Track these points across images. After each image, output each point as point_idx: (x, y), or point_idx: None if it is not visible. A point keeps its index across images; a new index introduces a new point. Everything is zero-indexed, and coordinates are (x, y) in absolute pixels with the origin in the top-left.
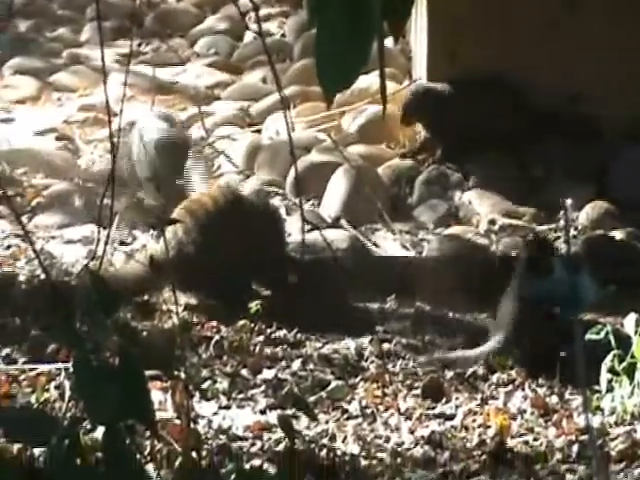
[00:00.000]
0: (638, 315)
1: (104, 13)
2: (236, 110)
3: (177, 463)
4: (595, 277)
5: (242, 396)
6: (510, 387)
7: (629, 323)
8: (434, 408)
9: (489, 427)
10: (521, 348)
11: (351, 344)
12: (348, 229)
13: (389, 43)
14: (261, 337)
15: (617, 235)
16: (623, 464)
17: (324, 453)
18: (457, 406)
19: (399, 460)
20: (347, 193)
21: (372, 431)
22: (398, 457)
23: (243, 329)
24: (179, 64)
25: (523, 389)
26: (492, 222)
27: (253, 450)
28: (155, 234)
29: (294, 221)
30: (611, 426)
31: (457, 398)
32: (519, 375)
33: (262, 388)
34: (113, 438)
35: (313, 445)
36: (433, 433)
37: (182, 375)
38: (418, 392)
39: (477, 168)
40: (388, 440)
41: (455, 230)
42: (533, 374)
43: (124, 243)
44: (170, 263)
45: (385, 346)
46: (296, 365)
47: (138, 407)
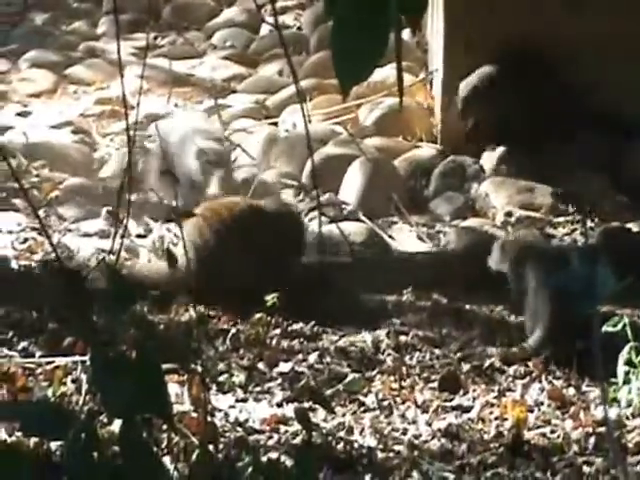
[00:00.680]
0: None
1: (120, 6)
2: (252, 103)
3: (194, 456)
4: (612, 269)
5: (259, 389)
6: (527, 379)
7: None
8: (451, 400)
9: (506, 419)
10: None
11: (368, 337)
12: (365, 221)
13: (405, 35)
14: (278, 330)
15: (634, 227)
16: None
17: (341, 446)
18: (474, 398)
19: (416, 453)
20: (363, 186)
21: (389, 424)
22: (415, 450)
23: (260, 322)
24: (195, 57)
25: (540, 381)
26: (509, 214)
27: (270, 443)
28: (171, 227)
29: (310, 214)
30: (628, 418)
31: (474, 390)
32: (536, 367)
33: (279, 381)
34: (130, 431)
35: (330, 438)
36: (450, 425)
37: (199, 368)
38: (435, 384)
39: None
40: (405, 433)
41: (472, 222)
42: (550, 366)
43: (140, 236)
44: (188, 267)
45: (402, 339)
46: (313, 358)
47: (155, 400)
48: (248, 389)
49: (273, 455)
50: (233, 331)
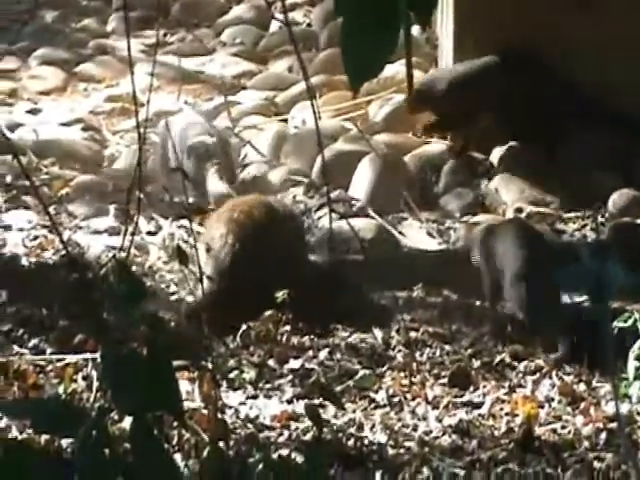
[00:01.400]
0: None
1: (130, 3)
2: (262, 100)
3: (205, 453)
4: (623, 264)
5: (269, 386)
6: (538, 375)
7: None
8: (462, 396)
9: (517, 415)
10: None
11: (378, 333)
12: (375, 218)
13: (415, 31)
14: (288, 327)
15: None
16: None
17: (351, 442)
18: (485, 394)
19: (427, 449)
20: (373, 182)
21: (399, 420)
22: (426, 446)
23: (270, 319)
24: (205, 54)
25: (551, 377)
26: (519, 210)
27: (280, 440)
28: (181, 224)
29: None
30: (639, 414)
31: (484, 386)
32: (547, 363)
33: (289, 378)
34: (141, 428)
35: (340, 434)
36: (461, 421)
37: (209, 365)
38: (445, 381)
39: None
40: (416, 429)
41: (482, 218)
42: (561, 362)
43: (151, 233)
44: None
45: (412, 335)
46: (323, 354)
47: (166, 397)
48: (259, 386)
49: (284, 452)
50: (243, 328)
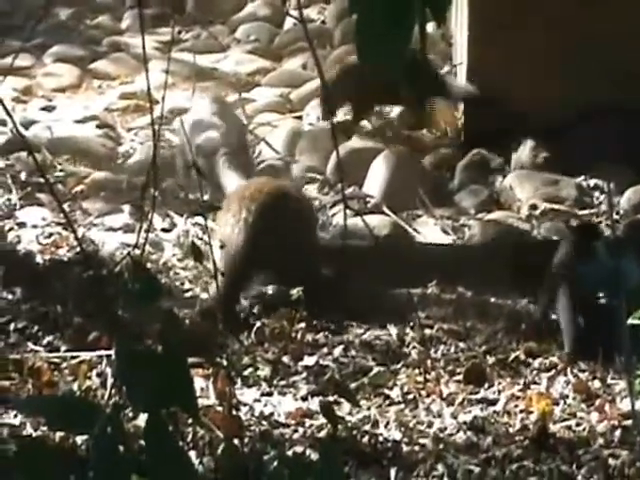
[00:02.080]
0: None
1: (144, 0)
2: (276, 97)
3: (219, 450)
4: (638, 261)
5: (284, 383)
6: (552, 372)
7: None
8: (476, 393)
9: (531, 412)
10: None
11: (393, 330)
12: (389, 215)
13: (430, 28)
14: (302, 324)
15: None
16: None
17: (366, 439)
18: (499, 391)
19: (441, 446)
20: (388, 179)
21: (414, 417)
22: (440, 443)
23: (284, 316)
24: (220, 51)
25: (565, 374)
26: (533, 207)
27: (295, 437)
28: (197, 222)
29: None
30: None
31: (499, 383)
32: (561, 360)
33: (304, 375)
34: (155, 425)
35: (355, 431)
36: (475, 418)
37: (224, 362)
38: (460, 377)
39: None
40: (430, 426)
41: (496, 215)
42: (575, 359)
43: (165, 230)
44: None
45: (427, 332)
46: (338, 351)
47: (180, 394)
48: (273, 383)
49: (298, 449)
50: (258, 325)
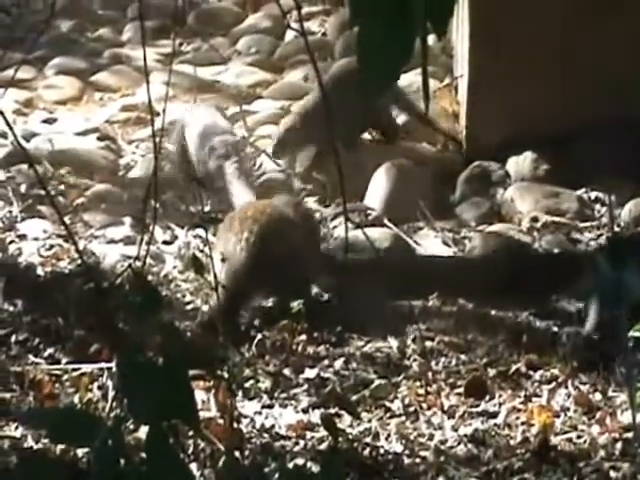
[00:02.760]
0: None
1: (145, 13)
2: (277, 109)
3: (220, 462)
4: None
5: (285, 395)
6: (553, 384)
7: None
8: (477, 406)
9: (532, 425)
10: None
11: (394, 342)
12: (390, 227)
13: (431, 41)
14: (303, 336)
15: None
16: None
17: (367, 452)
18: (500, 404)
19: (442, 458)
20: (389, 191)
21: (415, 429)
22: (441, 455)
23: (285, 328)
24: (220, 63)
25: (566, 386)
26: (534, 219)
27: (296, 449)
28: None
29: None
30: None
31: (500, 396)
32: (562, 372)
33: (305, 387)
34: (157, 438)
35: (356, 444)
36: (476, 431)
37: (225, 374)
38: (461, 390)
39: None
40: (431, 438)
41: (497, 228)
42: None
43: (166, 242)
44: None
45: (428, 344)
46: (339, 364)
47: (182, 406)
48: (274, 395)
49: (299, 461)
50: (259, 337)
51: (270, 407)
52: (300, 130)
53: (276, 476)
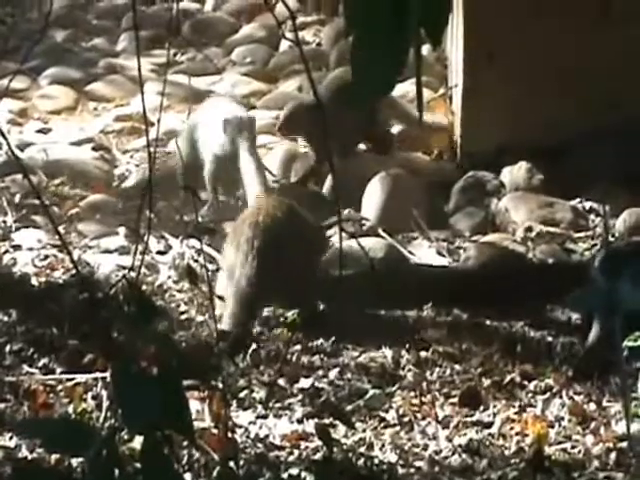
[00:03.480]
0: None
1: (140, 23)
2: (272, 119)
3: (215, 473)
4: (633, 284)
5: (279, 405)
6: (548, 395)
7: None
8: (472, 416)
9: (527, 435)
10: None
11: (388, 352)
12: (385, 237)
13: (425, 50)
14: (298, 346)
15: None
16: None
17: (362, 462)
18: (495, 414)
19: (437, 468)
20: (383, 201)
21: (409, 439)
22: (436, 465)
23: (280, 338)
24: (215, 73)
25: (561, 397)
26: (529, 229)
27: (290, 459)
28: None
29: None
30: None
31: (495, 406)
32: (557, 382)
33: (299, 397)
34: (151, 448)
35: (350, 454)
36: (471, 441)
37: (220, 384)
38: (455, 400)
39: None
40: (426, 448)
41: (492, 238)
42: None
43: (161, 253)
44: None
45: (422, 354)
46: (333, 374)
47: (176, 417)
48: (269, 405)
49: (294, 471)
50: (253, 347)
51: (265, 417)
52: (309, 110)
53: None
